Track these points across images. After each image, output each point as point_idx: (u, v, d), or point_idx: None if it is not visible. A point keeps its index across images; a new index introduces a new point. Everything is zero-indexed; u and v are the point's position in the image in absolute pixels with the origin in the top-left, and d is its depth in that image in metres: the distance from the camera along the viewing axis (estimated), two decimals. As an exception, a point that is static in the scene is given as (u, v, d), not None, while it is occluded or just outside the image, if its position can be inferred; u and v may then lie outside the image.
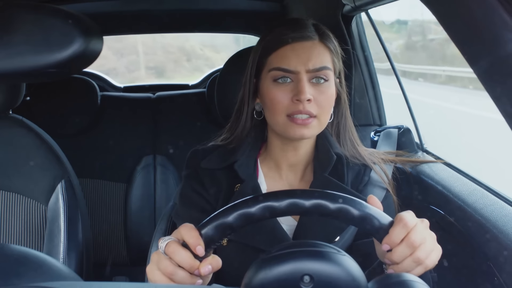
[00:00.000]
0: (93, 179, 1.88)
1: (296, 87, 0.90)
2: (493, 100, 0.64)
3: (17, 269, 0.79)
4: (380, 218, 0.68)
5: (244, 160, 0.98)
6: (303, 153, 0.99)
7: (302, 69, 0.90)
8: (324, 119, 0.93)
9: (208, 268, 0.67)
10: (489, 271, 0.90)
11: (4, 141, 1.20)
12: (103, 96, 1.96)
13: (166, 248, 0.67)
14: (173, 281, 0.67)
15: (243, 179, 0.96)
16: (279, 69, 0.91)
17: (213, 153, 1.01)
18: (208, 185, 0.99)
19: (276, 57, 0.92)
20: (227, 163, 0.99)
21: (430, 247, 0.68)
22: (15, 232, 1.17)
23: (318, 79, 0.91)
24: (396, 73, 1.47)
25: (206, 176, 0.99)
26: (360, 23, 1.61)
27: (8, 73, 0.99)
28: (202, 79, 2.56)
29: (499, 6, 0.58)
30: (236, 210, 0.67)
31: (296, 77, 0.90)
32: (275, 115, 0.92)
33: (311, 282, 0.60)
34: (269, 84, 0.93)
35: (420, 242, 0.67)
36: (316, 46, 0.92)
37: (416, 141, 1.37)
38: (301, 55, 0.91)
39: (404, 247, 0.66)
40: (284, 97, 0.91)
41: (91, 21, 1.07)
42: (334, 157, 0.97)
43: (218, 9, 2.01)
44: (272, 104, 0.92)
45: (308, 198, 0.67)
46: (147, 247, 1.13)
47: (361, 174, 1.00)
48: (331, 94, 0.94)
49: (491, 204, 0.98)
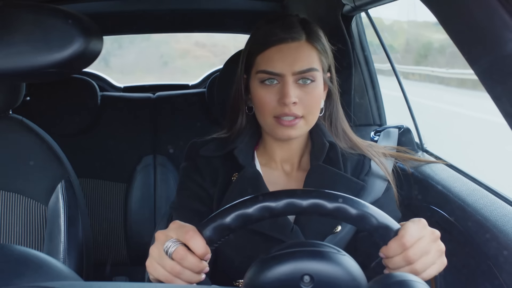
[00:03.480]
0: (93, 179, 1.88)
1: (282, 90, 0.90)
2: (493, 100, 0.64)
3: (17, 269, 0.79)
4: (379, 217, 0.67)
5: (243, 147, 0.99)
6: (296, 146, 1.00)
7: (288, 72, 0.90)
8: (311, 118, 0.94)
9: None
10: (489, 270, 0.90)
11: (4, 141, 1.20)
12: (103, 96, 1.96)
13: (174, 254, 0.67)
14: (180, 280, 0.67)
15: (242, 166, 0.97)
16: (265, 72, 0.92)
17: (212, 143, 1.02)
18: (206, 174, 1.00)
19: (263, 59, 0.93)
20: (226, 150, 0.99)
21: (430, 260, 0.67)
22: (15, 232, 1.17)
23: (305, 80, 0.92)
24: (396, 74, 1.47)
25: (204, 165, 1.00)
26: (360, 23, 1.61)
27: (8, 73, 0.99)
28: (202, 79, 2.56)
29: (499, 6, 0.58)
30: (233, 211, 0.67)
31: (282, 80, 0.91)
32: (263, 115, 0.94)
33: (311, 282, 0.60)
34: (256, 85, 0.94)
35: (420, 257, 0.66)
36: (302, 48, 0.92)
37: (416, 141, 1.37)
38: (287, 57, 0.91)
39: (400, 259, 0.66)
40: (270, 99, 0.92)
41: (91, 21, 1.07)
42: (326, 144, 0.97)
43: (218, 9, 2.01)
44: (260, 105, 0.94)
45: (305, 198, 0.67)
46: (147, 247, 1.12)
47: (361, 164, 1.00)
48: (318, 94, 0.94)
49: (491, 204, 0.98)
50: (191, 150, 1.04)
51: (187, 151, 1.04)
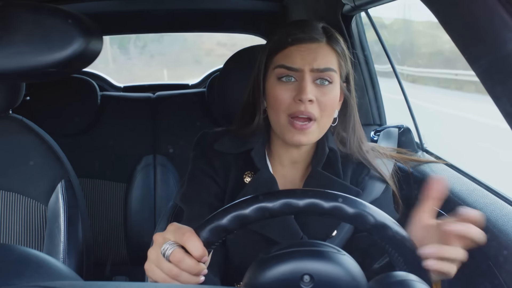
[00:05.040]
0: (93, 179, 1.88)
1: (299, 87, 0.90)
2: (493, 100, 0.64)
3: (17, 269, 0.79)
4: (376, 215, 0.67)
5: (259, 149, 0.98)
6: (305, 151, 0.99)
7: (307, 68, 0.90)
8: (324, 123, 0.93)
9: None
10: (489, 270, 0.90)
11: (4, 141, 1.20)
12: (103, 96, 1.96)
13: (171, 256, 0.66)
14: (178, 282, 0.67)
15: (257, 168, 0.96)
16: (283, 66, 0.91)
17: (225, 137, 1.01)
18: (218, 168, 0.99)
19: (282, 56, 0.92)
20: (242, 149, 0.98)
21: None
22: (15, 232, 1.17)
23: (323, 81, 0.91)
24: (397, 74, 1.47)
25: (216, 158, 0.99)
26: (360, 23, 1.61)
27: (8, 73, 0.99)
28: (202, 79, 2.56)
29: (499, 6, 0.58)
30: (230, 212, 0.67)
31: (300, 76, 0.90)
32: (277, 114, 0.92)
33: (311, 281, 0.60)
34: (273, 82, 0.93)
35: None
36: (322, 48, 0.92)
37: (416, 140, 1.37)
38: (306, 54, 0.90)
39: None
40: (286, 96, 0.90)
41: (91, 21, 1.07)
42: (326, 151, 0.97)
43: (218, 9, 2.01)
44: (274, 103, 0.92)
45: (301, 197, 0.67)
46: (147, 247, 1.12)
47: (360, 168, 1.00)
48: (335, 96, 0.93)
49: (491, 203, 0.98)
50: (202, 140, 1.02)
51: (198, 141, 1.03)
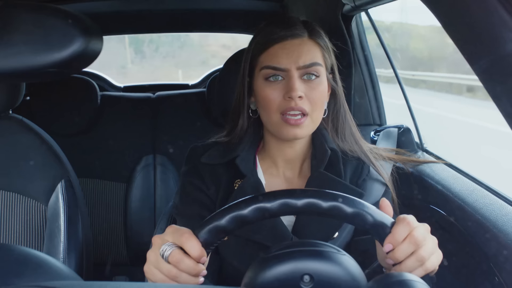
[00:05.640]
0: (93, 179, 1.88)
1: (288, 85, 0.90)
2: (493, 99, 0.64)
3: (17, 269, 0.79)
4: (375, 214, 0.67)
5: (245, 155, 0.98)
6: (299, 149, 0.99)
7: (293, 67, 0.91)
8: (316, 116, 0.94)
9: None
10: (489, 270, 0.90)
11: (4, 141, 1.20)
12: (103, 96, 1.96)
13: (170, 257, 0.67)
14: (178, 283, 0.67)
15: (244, 174, 0.97)
16: (269, 67, 0.92)
17: (213, 149, 1.02)
18: (208, 180, 0.99)
19: (267, 56, 0.93)
20: (228, 158, 0.99)
21: (432, 248, 0.68)
22: (15, 232, 1.17)
23: (309, 76, 0.92)
24: (397, 75, 1.47)
25: (206, 171, 1.00)
26: (360, 23, 1.61)
27: (8, 73, 1.00)
28: (202, 79, 2.56)
29: (499, 6, 0.58)
30: (228, 213, 0.67)
31: (287, 75, 0.91)
32: (269, 113, 0.93)
33: (311, 281, 0.60)
34: (261, 83, 0.94)
35: (423, 240, 0.67)
36: (305, 43, 0.93)
37: (416, 140, 1.37)
38: (291, 52, 0.91)
39: (407, 244, 0.66)
40: (276, 95, 0.91)
41: (91, 21, 1.07)
42: (328, 151, 0.97)
43: (218, 9, 2.01)
44: (265, 103, 0.93)
45: (300, 197, 0.67)
46: (147, 247, 1.12)
47: (360, 169, 1.00)
48: (323, 90, 0.94)
49: (491, 203, 0.98)
50: (192, 155, 1.03)
51: (188, 156, 1.03)
